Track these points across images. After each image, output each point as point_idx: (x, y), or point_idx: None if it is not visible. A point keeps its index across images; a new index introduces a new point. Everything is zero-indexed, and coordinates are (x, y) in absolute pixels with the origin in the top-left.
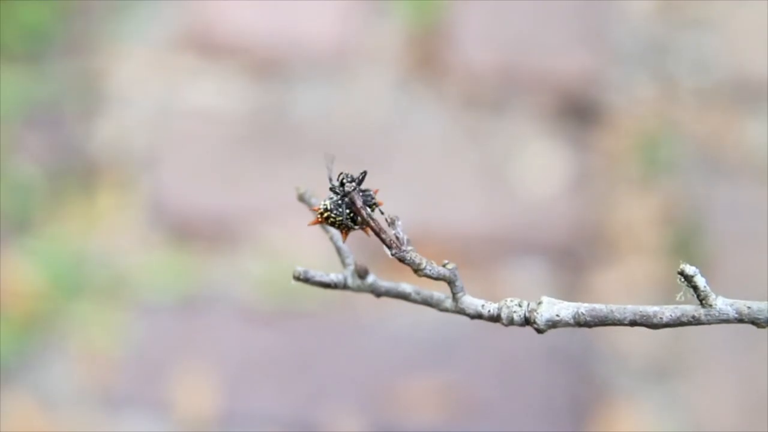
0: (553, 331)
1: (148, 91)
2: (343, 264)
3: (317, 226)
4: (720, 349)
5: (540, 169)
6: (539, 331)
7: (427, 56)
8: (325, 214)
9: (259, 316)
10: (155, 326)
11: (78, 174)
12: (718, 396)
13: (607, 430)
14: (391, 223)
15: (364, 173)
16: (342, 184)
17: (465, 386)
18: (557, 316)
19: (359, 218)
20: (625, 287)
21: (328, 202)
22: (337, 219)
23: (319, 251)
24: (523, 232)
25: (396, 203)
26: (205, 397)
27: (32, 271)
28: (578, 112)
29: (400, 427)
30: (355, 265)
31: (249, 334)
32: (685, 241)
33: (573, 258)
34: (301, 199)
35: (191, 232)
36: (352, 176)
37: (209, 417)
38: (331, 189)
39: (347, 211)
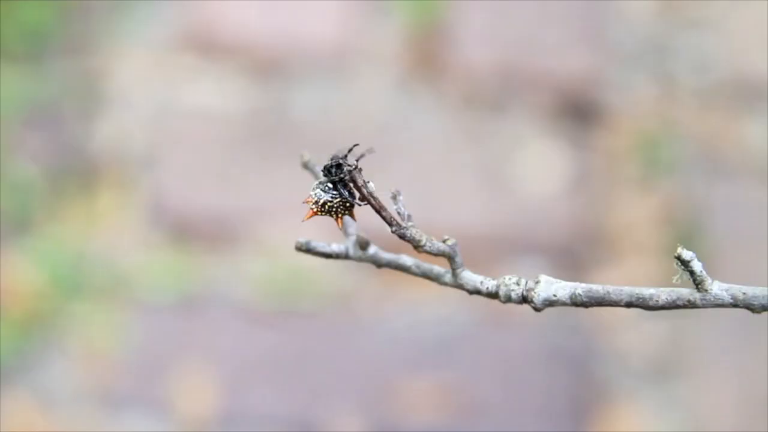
0: (553, 331)
1: (148, 91)
2: (345, 235)
3: (316, 227)
4: (720, 349)
5: (540, 168)
6: (536, 309)
7: (427, 56)
8: (321, 201)
9: (259, 316)
10: (155, 326)
11: (78, 174)
12: (718, 396)
13: (607, 430)
14: (393, 198)
15: (355, 152)
16: (338, 166)
17: (465, 386)
18: (554, 295)
19: (358, 197)
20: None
21: (317, 190)
22: (335, 202)
23: None
24: (523, 232)
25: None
26: (205, 397)
27: (32, 271)
28: (578, 112)
29: (400, 427)
30: (357, 236)
31: (249, 334)
32: (685, 241)
33: (573, 257)
34: (306, 166)
35: (191, 232)
36: (345, 157)
37: (209, 417)
38: (325, 170)
39: (345, 191)
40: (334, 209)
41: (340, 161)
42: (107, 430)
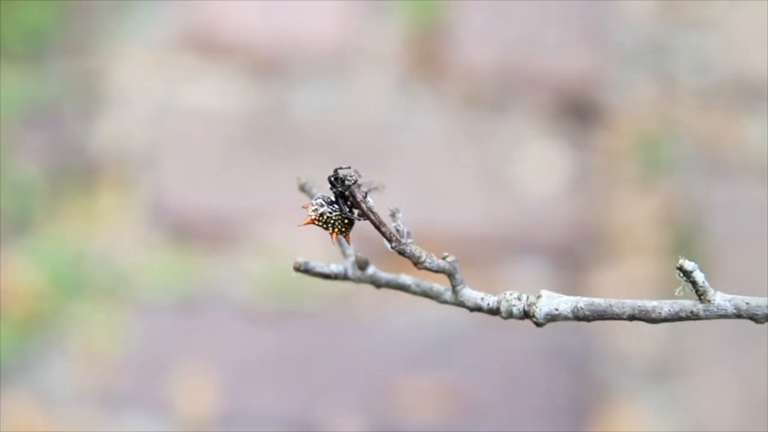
0: (553, 331)
1: (148, 91)
2: (344, 255)
3: (316, 228)
4: (720, 348)
5: (540, 168)
6: (538, 324)
7: (427, 56)
8: (320, 211)
9: (259, 316)
10: (155, 326)
11: (78, 174)
12: (718, 396)
13: (607, 430)
14: (392, 215)
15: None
16: (340, 180)
17: (465, 386)
18: (556, 309)
19: (357, 212)
20: (625, 287)
21: (320, 200)
22: (333, 215)
23: (319, 251)
24: (524, 232)
25: (396, 203)
26: (205, 397)
27: (32, 271)
28: (578, 112)
29: (400, 427)
30: (356, 256)
31: (249, 334)
32: (685, 241)
33: (573, 258)
34: (303, 188)
35: (191, 232)
36: (348, 172)
37: (209, 417)
38: (330, 183)
39: (345, 207)
40: (331, 222)
41: (340, 175)
42: (107, 430)
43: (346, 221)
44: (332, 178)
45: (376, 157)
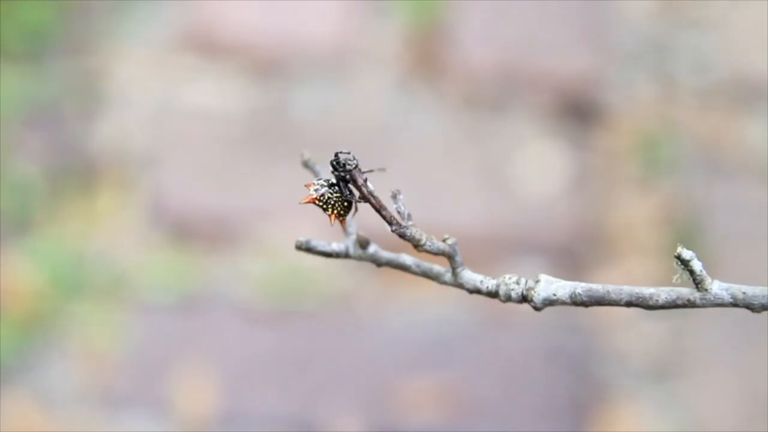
0: (553, 331)
1: (148, 91)
2: (345, 234)
3: (316, 227)
4: (720, 348)
5: (540, 168)
6: (536, 308)
7: (427, 56)
8: (321, 191)
9: (259, 316)
10: (155, 326)
11: (78, 174)
12: (719, 395)
13: (607, 430)
14: (394, 197)
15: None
16: (341, 164)
17: (465, 386)
18: (554, 294)
19: (358, 195)
20: None
21: (321, 181)
22: (334, 195)
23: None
24: (523, 232)
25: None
26: (205, 397)
27: (32, 271)
28: (578, 112)
29: (400, 427)
30: (357, 235)
31: (249, 334)
32: (685, 241)
33: (573, 257)
34: (306, 165)
35: (191, 232)
36: (348, 156)
37: (209, 417)
38: (331, 167)
39: (345, 190)
40: (331, 203)
41: (341, 159)
42: (107, 430)
43: (345, 204)
44: (333, 162)
45: (376, 157)
